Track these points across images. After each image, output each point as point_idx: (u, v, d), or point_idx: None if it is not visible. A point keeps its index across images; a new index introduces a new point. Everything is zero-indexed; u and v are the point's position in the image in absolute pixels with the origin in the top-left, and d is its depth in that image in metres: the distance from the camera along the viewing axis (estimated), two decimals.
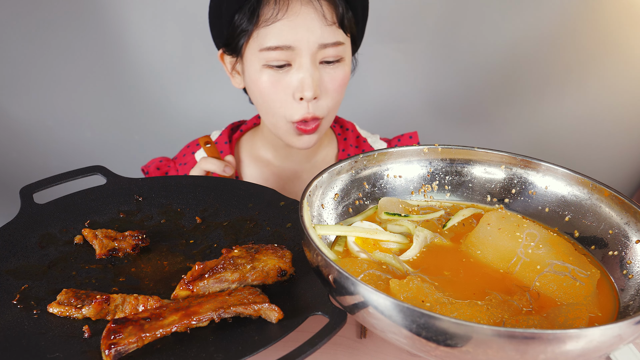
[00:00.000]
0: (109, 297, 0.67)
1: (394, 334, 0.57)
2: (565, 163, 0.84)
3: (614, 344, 0.54)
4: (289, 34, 1.08)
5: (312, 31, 1.08)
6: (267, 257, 0.70)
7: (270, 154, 1.33)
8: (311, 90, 1.09)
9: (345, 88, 1.18)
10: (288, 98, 1.12)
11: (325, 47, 1.10)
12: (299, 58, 1.10)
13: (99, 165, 0.97)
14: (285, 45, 1.08)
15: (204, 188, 0.93)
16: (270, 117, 1.18)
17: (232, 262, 0.69)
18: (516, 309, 0.64)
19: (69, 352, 0.61)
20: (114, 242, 0.79)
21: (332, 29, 1.10)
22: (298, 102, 1.12)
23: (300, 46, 1.08)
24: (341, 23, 1.11)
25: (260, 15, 1.09)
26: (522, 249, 0.73)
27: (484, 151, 0.86)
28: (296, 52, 1.09)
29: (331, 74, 1.13)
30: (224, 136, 1.36)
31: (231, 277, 0.68)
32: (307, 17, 1.08)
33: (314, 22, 1.08)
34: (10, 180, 2.13)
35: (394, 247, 0.76)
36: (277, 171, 1.34)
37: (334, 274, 0.60)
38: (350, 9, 1.15)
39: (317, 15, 1.08)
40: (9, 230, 0.82)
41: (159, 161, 1.37)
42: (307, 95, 1.10)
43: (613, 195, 0.76)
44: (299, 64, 1.10)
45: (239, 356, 0.58)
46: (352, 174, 0.83)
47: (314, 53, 1.10)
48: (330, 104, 1.16)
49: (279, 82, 1.12)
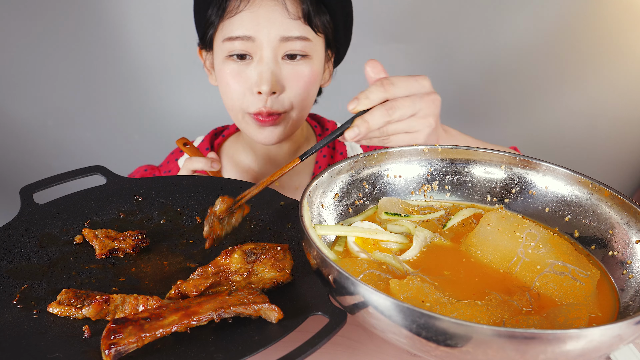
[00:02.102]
0: (109, 297, 0.67)
1: (394, 334, 0.57)
2: (565, 163, 0.84)
3: (614, 344, 0.54)
4: (249, 25, 1.09)
5: (272, 23, 1.08)
6: (265, 271, 0.70)
7: (250, 159, 1.33)
8: (268, 84, 1.09)
9: (313, 87, 1.17)
10: (247, 91, 1.13)
11: (288, 40, 1.10)
12: (260, 51, 1.10)
13: (99, 165, 0.97)
14: (245, 35, 1.09)
15: (204, 188, 0.93)
16: (232, 111, 1.19)
17: (227, 278, 0.69)
18: (516, 309, 0.64)
19: (69, 352, 0.61)
20: (114, 242, 0.79)
21: (297, 24, 1.10)
22: (256, 95, 1.12)
23: (261, 37, 1.09)
24: (308, 19, 1.11)
25: (226, 7, 1.11)
26: (522, 249, 0.73)
27: (484, 151, 0.86)
28: (257, 44, 1.09)
29: (294, 69, 1.13)
30: (206, 142, 1.37)
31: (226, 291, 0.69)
32: (268, 9, 1.09)
33: (275, 15, 1.08)
34: (10, 180, 2.13)
35: (394, 247, 0.76)
36: (257, 176, 1.34)
37: (334, 274, 0.60)
38: (328, 11, 1.15)
39: (279, 8, 1.09)
40: (9, 230, 0.82)
41: (144, 170, 1.37)
42: (264, 89, 1.10)
43: (613, 195, 0.76)
44: (260, 57, 1.11)
45: (239, 356, 0.58)
46: (352, 174, 0.83)
47: (276, 47, 1.10)
48: (293, 99, 1.15)
49: (239, 75, 1.12)
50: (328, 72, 1.27)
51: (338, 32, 1.20)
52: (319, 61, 1.17)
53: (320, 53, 1.17)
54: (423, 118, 0.88)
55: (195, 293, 0.67)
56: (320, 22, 1.14)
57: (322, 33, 1.15)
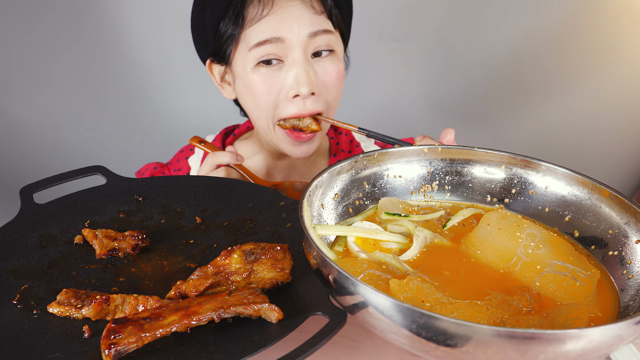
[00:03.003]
0: (108, 297, 0.67)
1: (394, 334, 0.57)
2: (565, 163, 0.84)
3: (614, 344, 0.54)
4: (277, 26, 1.06)
5: (301, 21, 1.07)
6: (265, 271, 0.70)
7: (262, 157, 1.32)
8: (307, 85, 1.07)
9: (342, 84, 1.16)
10: (282, 98, 1.10)
11: (316, 35, 1.08)
12: (291, 52, 1.08)
13: (99, 165, 0.97)
14: (274, 37, 1.06)
15: (204, 188, 0.93)
16: (263, 122, 1.15)
17: (227, 278, 0.69)
18: (516, 309, 0.64)
19: (69, 352, 0.61)
20: (114, 242, 0.79)
21: (322, 18, 1.09)
22: (291, 100, 1.10)
23: (291, 37, 1.07)
24: (329, 14, 1.11)
25: (246, 16, 1.08)
26: (522, 249, 0.73)
27: (484, 151, 0.86)
28: (286, 44, 1.07)
29: (325, 67, 1.11)
30: (217, 141, 1.35)
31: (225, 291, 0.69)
32: (294, 9, 1.07)
33: (302, 12, 1.07)
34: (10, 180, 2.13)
35: (394, 247, 0.76)
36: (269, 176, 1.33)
37: (334, 274, 0.60)
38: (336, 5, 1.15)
39: (305, 6, 1.08)
40: (9, 230, 0.82)
41: (153, 167, 1.35)
42: (303, 91, 1.07)
43: (613, 195, 0.76)
44: (292, 59, 1.08)
45: (239, 356, 0.58)
46: (352, 174, 0.83)
47: (305, 45, 1.08)
48: (329, 98, 1.13)
49: (272, 80, 1.09)
50: None
51: (344, 24, 1.20)
52: (341, 56, 1.17)
53: (340, 48, 1.17)
54: None
55: (195, 293, 0.67)
56: (336, 18, 1.14)
57: (338, 27, 1.16)
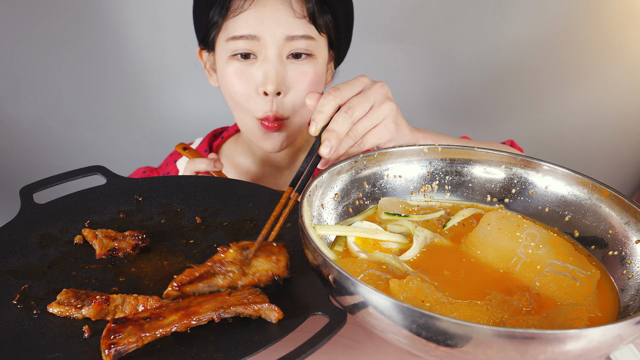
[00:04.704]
0: (108, 297, 0.67)
1: (394, 334, 0.57)
2: (565, 163, 0.84)
3: (614, 344, 0.54)
4: (254, 24, 1.07)
5: (278, 22, 1.07)
6: (260, 262, 0.70)
7: (249, 161, 1.33)
8: (273, 84, 1.08)
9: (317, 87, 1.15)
10: (252, 92, 1.11)
11: (293, 39, 1.09)
12: (265, 50, 1.09)
13: (99, 165, 0.97)
14: (250, 34, 1.08)
15: (204, 188, 0.93)
16: (237, 113, 1.17)
17: (222, 269, 0.69)
18: (516, 309, 0.64)
19: (69, 352, 0.61)
20: (114, 242, 0.79)
21: (302, 22, 1.09)
22: (262, 97, 1.10)
23: (266, 37, 1.08)
24: (312, 18, 1.10)
25: (230, 7, 1.10)
26: (522, 249, 0.73)
27: (484, 151, 0.86)
28: (262, 43, 1.08)
29: (298, 69, 1.11)
30: (204, 144, 1.36)
31: (222, 282, 0.69)
32: (274, 8, 1.07)
33: (280, 14, 1.07)
34: (10, 180, 2.13)
35: (394, 247, 0.76)
36: (256, 178, 1.33)
37: (334, 274, 0.60)
38: (330, 11, 1.15)
39: (285, 7, 1.08)
40: (9, 230, 0.82)
41: (142, 172, 1.36)
42: (270, 89, 1.08)
43: (613, 195, 0.76)
44: (264, 56, 1.09)
45: (239, 356, 0.58)
46: (352, 174, 0.83)
47: (281, 46, 1.08)
48: (296, 102, 1.13)
49: (244, 74, 1.11)
50: (330, 72, 1.26)
51: (339, 32, 1.20)
52: (322, 61, 1.17)
53: (323, 53, 1.17)
54: (382, 104, 0.85)
55: (188, 279, 0.67)
56: (323, 22, 1.13)
57: (325, 33, 1.15)
